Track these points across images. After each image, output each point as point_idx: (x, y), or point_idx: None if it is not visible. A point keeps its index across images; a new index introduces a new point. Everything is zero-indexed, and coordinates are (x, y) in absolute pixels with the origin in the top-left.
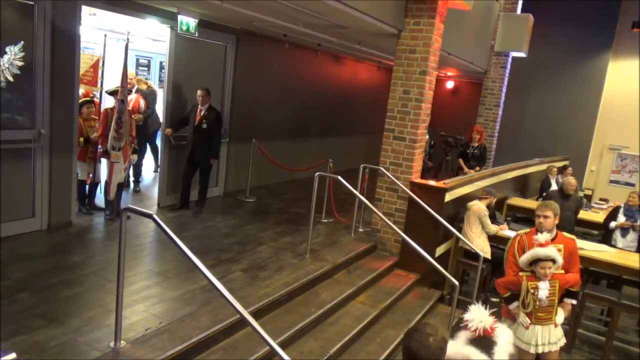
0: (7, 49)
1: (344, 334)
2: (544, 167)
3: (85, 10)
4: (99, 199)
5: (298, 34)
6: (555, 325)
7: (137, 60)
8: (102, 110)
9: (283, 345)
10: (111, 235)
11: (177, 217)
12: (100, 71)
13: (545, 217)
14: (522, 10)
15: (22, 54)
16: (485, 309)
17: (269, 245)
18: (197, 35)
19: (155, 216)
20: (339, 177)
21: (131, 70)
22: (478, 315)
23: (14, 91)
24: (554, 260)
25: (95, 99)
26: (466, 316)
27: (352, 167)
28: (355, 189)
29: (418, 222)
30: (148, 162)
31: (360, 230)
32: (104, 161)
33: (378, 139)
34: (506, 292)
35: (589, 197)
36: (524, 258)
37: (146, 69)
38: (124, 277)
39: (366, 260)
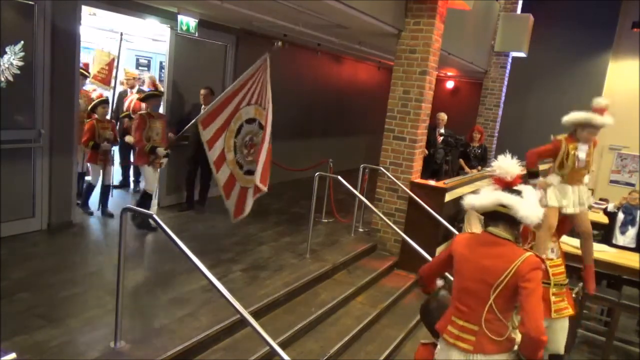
0: (7, 49)
1: (344, 334)
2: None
3: (85, 10)
4: (92, 203)
5: (298, 34)
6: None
7: (137, 60)
8: (135, 115)
9: (283, 345)
10: (111, 235)
11: (177, 217)
12: (115, 71)
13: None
14: (522, 10)
15: (22, 53)
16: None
17: (269, 245)
18: (197, 35)
19: (155, 216)
20: (339, 177)
21: (132, 70)
22: (505, 165)
23: (14, 91)
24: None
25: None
26: (493, 165)
27: (352, 167)
28: (355, 189)
29: (418, 222)
30: None
31: (360, 230)
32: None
33: (378, 139)
34: (533, 166)
35: None
36: (575, 117)
37: (146, 68)
38: (124, 277)
39: (366, 261)
